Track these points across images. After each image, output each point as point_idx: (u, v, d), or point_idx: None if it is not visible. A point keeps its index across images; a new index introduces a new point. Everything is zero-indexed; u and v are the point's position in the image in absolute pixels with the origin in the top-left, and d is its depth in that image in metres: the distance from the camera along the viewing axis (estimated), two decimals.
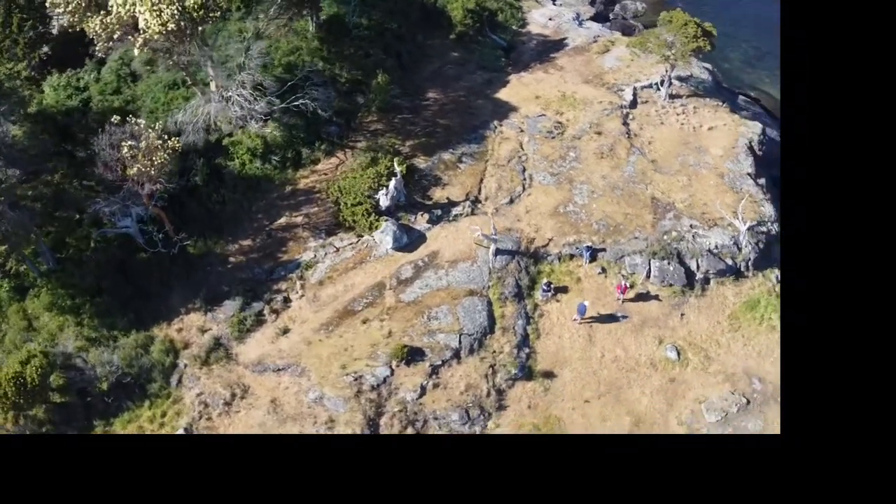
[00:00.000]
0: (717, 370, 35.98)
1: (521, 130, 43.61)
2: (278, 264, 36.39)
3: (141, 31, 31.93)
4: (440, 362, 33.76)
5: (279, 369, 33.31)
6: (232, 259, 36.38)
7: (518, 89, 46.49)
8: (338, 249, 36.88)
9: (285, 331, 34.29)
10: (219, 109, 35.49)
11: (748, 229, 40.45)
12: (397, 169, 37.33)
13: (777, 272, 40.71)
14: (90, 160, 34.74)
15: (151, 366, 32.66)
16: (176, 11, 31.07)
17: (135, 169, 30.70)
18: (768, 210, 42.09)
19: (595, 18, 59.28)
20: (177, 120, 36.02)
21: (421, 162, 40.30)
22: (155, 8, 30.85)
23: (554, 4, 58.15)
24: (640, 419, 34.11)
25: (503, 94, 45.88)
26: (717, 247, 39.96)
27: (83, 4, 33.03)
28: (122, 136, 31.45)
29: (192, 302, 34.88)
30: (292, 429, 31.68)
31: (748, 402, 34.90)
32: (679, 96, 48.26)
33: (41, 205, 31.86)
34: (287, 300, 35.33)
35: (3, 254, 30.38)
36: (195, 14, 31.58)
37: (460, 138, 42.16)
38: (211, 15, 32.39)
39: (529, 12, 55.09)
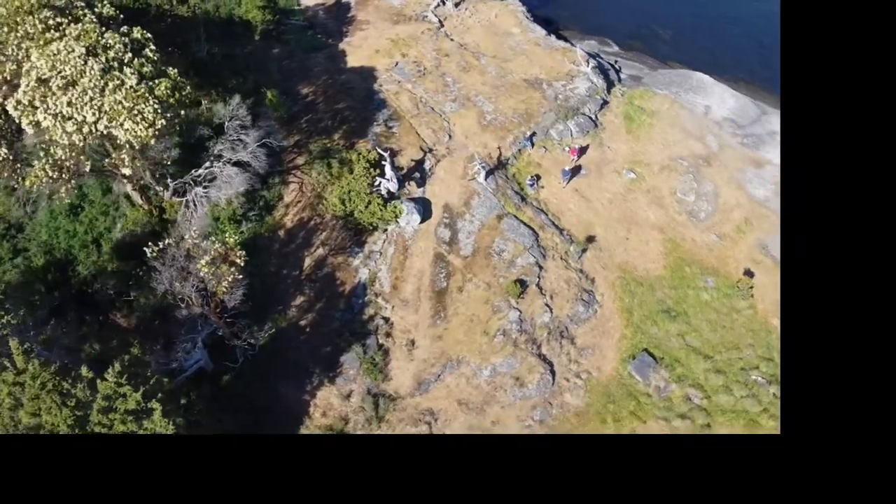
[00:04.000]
0: (660, 168, 39.03)
1: (399, 82, 39.55)
2: (348, 297, 29.49)
3: (123, 147, 21.41)
4: (538, 279, 31.43)
5: (439, 375, 28.16)
6: (303, 323, 28.52)
7: (358, 53, 41.57)
8: (381, 252, 30.93)
9: (412, 343, 28.65)
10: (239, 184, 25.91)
11: (591, 69, 43.00)
12: (385, 154, 31.72)
13: (618, 86, 44.26)
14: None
15: None
16: (156, 105, 21.29)
17: (224, 282, 21.84)
18: (579, 51, 44.72)
19: None
20: (191, 217, 25.52)
21: (363, 144, 34.62)
22: (134, 112, 20.70)
23: None
24: (662, 227, 36.12)
25: (353, 62, 40.74)
26: (587, 91, 41.92)
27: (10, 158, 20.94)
28: (179, 262, 21.93)
29: (309, 383, 27.02)
30: (495, 410, 27.47)
31: (693, 175, 38.67)
32: (459, 3, 47.47)
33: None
34: (387, 319, 29.25)
35: None
36: (171, 100, 21.98)
37: (369, 110, 36.94)
38: (186, 94, 22.77)
39: None
